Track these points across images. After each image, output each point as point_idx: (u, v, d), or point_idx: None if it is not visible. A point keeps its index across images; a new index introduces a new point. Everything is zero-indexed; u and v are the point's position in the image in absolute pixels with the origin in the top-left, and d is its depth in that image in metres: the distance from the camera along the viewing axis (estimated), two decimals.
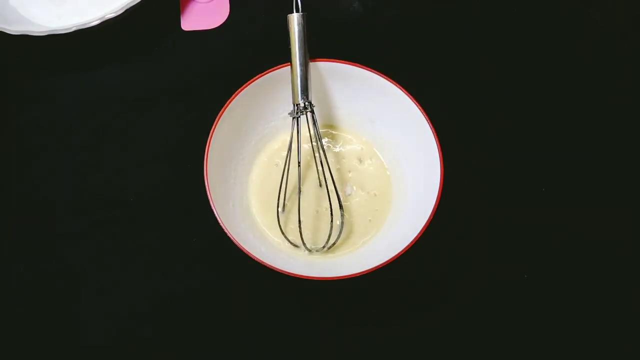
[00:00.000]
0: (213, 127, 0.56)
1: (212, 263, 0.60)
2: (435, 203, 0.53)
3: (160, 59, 0.69)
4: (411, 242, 0.52)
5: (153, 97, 0.67)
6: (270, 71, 0.58)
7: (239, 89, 0.57)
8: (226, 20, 0.71)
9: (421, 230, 0.52)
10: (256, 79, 0.58)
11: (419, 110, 0.57)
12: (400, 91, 0.57)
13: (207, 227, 0.54)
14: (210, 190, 0.54)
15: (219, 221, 0.52)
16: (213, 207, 0.53)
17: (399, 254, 0.52)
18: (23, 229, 0.61)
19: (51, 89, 0.68)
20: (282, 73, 0.58)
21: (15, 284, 0.59)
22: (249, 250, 0.52)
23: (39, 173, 0.64)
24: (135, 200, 0.62)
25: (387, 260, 0.51)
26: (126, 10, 0.66)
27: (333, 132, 0.64)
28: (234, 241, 0.52)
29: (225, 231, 0.52)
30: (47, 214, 0.62)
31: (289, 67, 0.58)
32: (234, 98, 0.57)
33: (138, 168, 0.64)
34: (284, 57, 0.58)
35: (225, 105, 0.57)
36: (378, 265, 0.51)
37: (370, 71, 0.58)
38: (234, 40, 0.70)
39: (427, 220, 0.53)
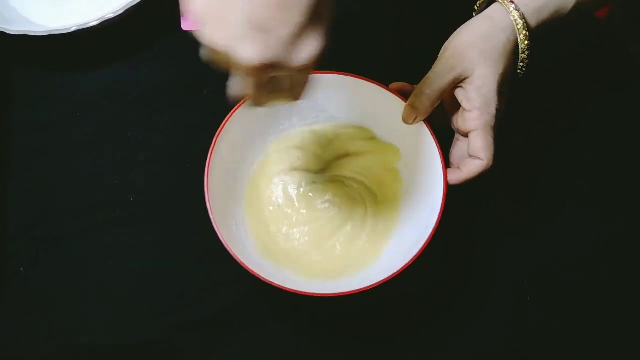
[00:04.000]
0: (210, 151, 0.55)
1: (212, 263, 0.59)
2: (438, 218, 0.53)
3: (160, 59, 0.69)
4: (425, 242, 0.52)
5: (153, 97, 0.67)
6: None
7: (231, 112, 0.57)
8: None
9: (431, 233, 0.53)
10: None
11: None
12: (400, 100, 0.57)
13: (207, 227, 0.54)
14: (214, 212, 0.53)
15: (224, 244, 0.52)
16: (219, 233, 0.53)
17: (410, 261, 0.52)
18: (23, 229, 0.61)
19: (51, 89, 0.68)
20: None
21: (15, 284, 0.59)
22: (257, 272, 0.52)
23: (39, 173, 0.64)
24: (135, 200, 0.62)
25: (393, 274, 0.51)
26: (126, 10, 0.66)
27: (330, 139, 0.63)
28: (242, 264, 0.52)
29: (234, 256, 0.52)
30: (47, 214, 0.62)
31: None
32: (229, 118, 0.57)
33: (138, 168, 0.64)
34: None
35: (220, 127, 0.56)
36: (382, 281, 0.51)
37: (368, 81, 0.58)
38: None
39: (433, 229, 0.53)
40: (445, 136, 0.58)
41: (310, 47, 0.40)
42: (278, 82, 0.44)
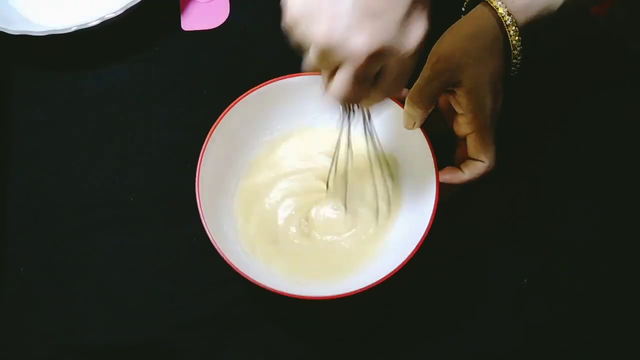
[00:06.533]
0: (201, 153, 0.56)
1: (212, 263, 0.59)
2: (432, 217, 0.53)
3: (160, 59, 0.69)
4: (413, 251, 0.52)
5: (153, 97, 0.67)
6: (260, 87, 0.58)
7: (227, 109, 0.57)
8: (226, 20, 0.71)
9: (421, 240, 0.53)
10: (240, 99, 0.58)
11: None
12: (396, 105, 0.57)
13: None
14: (205, 215, 0.54)
15: (219, 251, 0.53)
16: (210, 236, 0.53)
17: (404, 262, 0.52)
18: (23, 229, 0.61)
19: (51, 89, 0.68)
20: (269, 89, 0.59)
21: (16, 284, 0.59)
22: (247, 274, 0.52)
23: (39, 173, 0.64)
24: (135, 200, 0.62)
25: (387, 275, 0.51)
26: (126, 10, 0.66)
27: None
28: (233, 266, 0.52)
29: (225, 258, 0.53)
30: (47, 214, 0.62)
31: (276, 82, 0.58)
32: (221, 118, 0.57)
33: (138, 168, 0.64)
34: (284, 57, 0.57)
35: (213, 126, 0.57)
36: (375, 283, 0.51)
37: None
38: (234, 41, 0.70)
39: (427, 228, 0.53)
40: (447, 140, 0.57)
41: (418, 29, 0.40)
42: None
